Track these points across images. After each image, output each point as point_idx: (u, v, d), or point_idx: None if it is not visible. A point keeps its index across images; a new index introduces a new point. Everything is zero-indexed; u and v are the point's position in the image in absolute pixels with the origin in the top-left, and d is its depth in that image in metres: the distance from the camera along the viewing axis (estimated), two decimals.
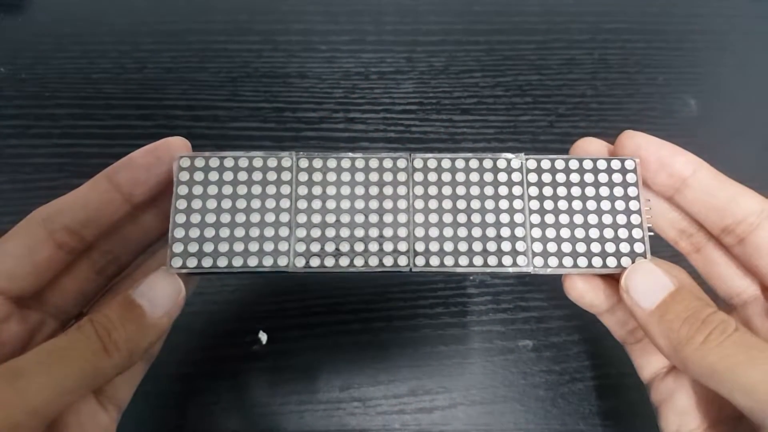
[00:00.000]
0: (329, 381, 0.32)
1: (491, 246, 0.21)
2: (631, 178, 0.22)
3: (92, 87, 0.40)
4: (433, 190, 0.22)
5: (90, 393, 0.21)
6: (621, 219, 0.22)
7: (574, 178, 0.22)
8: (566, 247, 0.21)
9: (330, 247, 0.21)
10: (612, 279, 0.22)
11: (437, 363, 0.33)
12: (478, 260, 0.21)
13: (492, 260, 0.21)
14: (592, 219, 0.22)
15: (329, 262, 0.21)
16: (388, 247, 0.21)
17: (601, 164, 0.22)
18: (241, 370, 0.32)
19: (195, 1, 0.44)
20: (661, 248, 0.22)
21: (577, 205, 0.22)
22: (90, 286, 0.23)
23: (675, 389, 0.22)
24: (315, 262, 0.21)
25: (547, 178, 0.22)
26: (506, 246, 0.21)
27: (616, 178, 0.22)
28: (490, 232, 0.21)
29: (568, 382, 0.32)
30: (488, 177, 0.22)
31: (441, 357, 0.33)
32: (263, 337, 0.33)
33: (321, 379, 0.32)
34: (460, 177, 0.22)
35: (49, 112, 0.39)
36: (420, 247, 0.21)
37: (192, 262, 0.21)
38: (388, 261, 0.21)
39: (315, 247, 0.21)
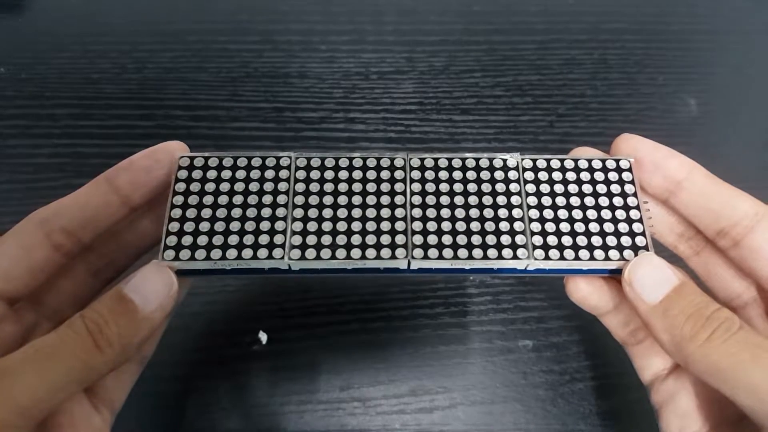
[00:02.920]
0: (329, 381, 0.32)
1: (490, 239, 0.21)
2: (626, 176, 0.22)
3: (92, 87, 0.40)
4: (430, 187, 0.22)
5: (83, 394, 0.21)
6: (620, 214, 0.22)
7: (571, 176, 0.22)
8: (567, 240, 0.21)
9: (326, 240, 0.21)
10: (614, 280, 0.22)
11: (437, 363, 0.32)
12: (477, 253, 0.21)
13: (492, 253, 0.21)
14: (591, 214, 0.22)
15: (326, 254, 0.21)
16: (385, 240, 0.21)
17: (596, 164, 0.22)
18: (241, 370, 0.32)
19: (195, 1, 0.45)
20: (659, 251, 0.22)
21: (575, 201, 0.22)
22: (86, 288, 0.22)
23: (676, 391, 0.22)
24: (311, 254, 0.21)
25: (543, 176, 0.22)
26: (506, 239, 0.21)
27: (612, 176, 0.22)
28: (489, 226, 0.21)
29: (568, 382, 0.32)
30: (485, 175, 0.22)
31: (441, 357, 0.33)
32: (263, 337, 0.33)
33: (321, 379, 0.32)
34: (457, 175, 0.22)
35: (49, 112, 0.39)
36: (418, 240, 0.21)
37: (185, 254, 0.20)
38: (386, 253, 0.21)
39: (311, 240, 0.21)
